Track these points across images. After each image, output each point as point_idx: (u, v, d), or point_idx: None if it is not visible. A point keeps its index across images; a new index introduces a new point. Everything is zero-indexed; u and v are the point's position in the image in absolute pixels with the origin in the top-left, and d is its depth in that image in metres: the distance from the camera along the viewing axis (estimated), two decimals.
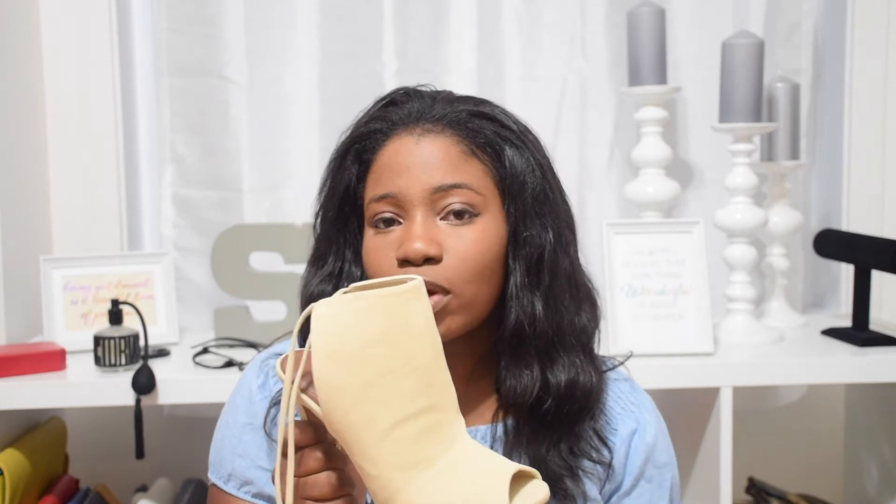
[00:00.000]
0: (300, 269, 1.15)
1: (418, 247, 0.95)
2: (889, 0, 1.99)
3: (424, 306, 0.83)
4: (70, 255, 1.79)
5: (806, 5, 2.00)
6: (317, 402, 0.83)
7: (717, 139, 1.92)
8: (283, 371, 0.86)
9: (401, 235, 0.97)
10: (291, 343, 0.84)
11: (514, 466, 0.80)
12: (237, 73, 1.94)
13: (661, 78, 1.84)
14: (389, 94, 1.05)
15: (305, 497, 0.85)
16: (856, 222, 2.01)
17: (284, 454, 0.84)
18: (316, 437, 0.86)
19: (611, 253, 1.67)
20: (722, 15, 1.98)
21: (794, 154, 1.89)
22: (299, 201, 1.94)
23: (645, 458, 1.05)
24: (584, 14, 1.97)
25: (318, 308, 0.82)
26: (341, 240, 1.04)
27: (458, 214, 0.97)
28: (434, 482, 0.80)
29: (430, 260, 0.95)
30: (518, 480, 0.81)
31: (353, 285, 0.84)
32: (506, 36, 1.97)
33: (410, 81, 1.10)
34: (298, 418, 0.89)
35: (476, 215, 0.98)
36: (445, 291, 0.95)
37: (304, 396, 0.85)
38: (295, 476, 0.85)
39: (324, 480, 0.85)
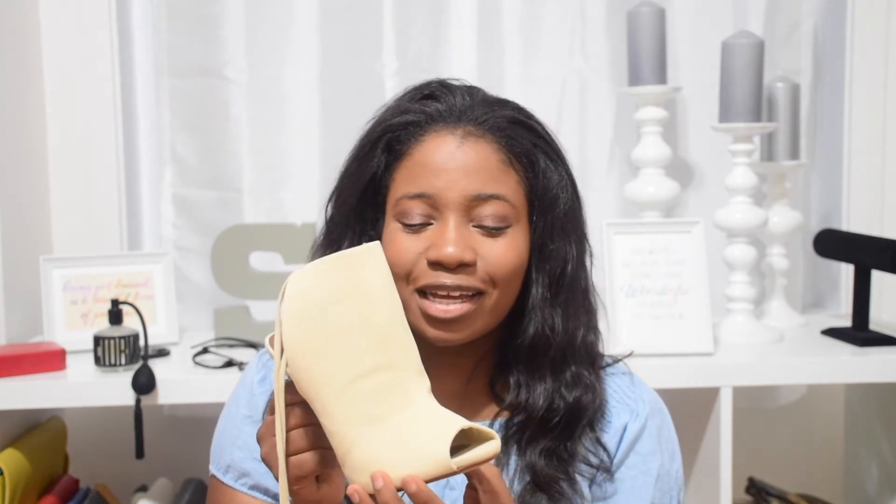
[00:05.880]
0: (300, 269, 1.15)
1: (452, 252, 0.95)
2: (889, 0, 2.00)
3: (381, 267, 0.86)
4: (70, 255, 1.79)
5: (806, 5, 2.00)
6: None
7: (717, 139, 1.92)
8: (271, 346, 0.88)
9: (433, 236, 0.97)
10: (277, 310, 0.86)
11: (462, 423, 0.82)
12: (237, 73, 1.93)
13: (661, 78, 1.84)
14: (425, 85, 1.04)
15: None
16: (856, 222, 2.01)
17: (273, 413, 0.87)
18: (297, 398, 0.87)
19: (611, 253, 1.67)
20: (722, 15, 1.98)
21: (794, 154, 1.89)
22: (299, 201, 1.94)
23: (629, 444, 1.05)
24: (584, 14, 1.97)
25: (291, 277, 0.85)
26: (358, 227, 1.04)
27: (492, 226, 0.98)
28: (385, 437, 0.82)
29: (463, 266, 0.96)
30: (472, 439, 0.83)
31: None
32: (506, 36, 1.97)
33: (410, 81, 1.09)
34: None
35: (508, 226, 0.99)
36: (474, 298, 0.97)
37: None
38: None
39: (299, 435, 0.86)
